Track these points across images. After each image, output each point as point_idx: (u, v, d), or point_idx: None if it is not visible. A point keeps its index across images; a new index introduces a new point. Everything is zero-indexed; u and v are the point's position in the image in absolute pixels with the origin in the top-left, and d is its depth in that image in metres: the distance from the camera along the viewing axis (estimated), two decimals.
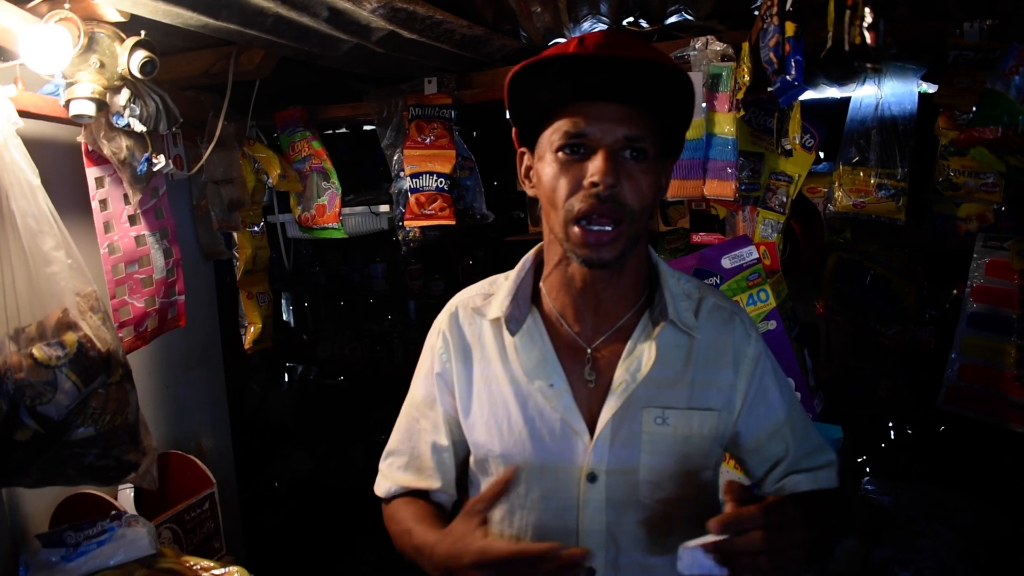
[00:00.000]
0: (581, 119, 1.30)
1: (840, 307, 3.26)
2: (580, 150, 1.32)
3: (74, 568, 2.14)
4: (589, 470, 1.40)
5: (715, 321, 1.48)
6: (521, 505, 1.47)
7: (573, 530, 1.42)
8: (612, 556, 1.42)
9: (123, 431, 2.02)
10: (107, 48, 2.12)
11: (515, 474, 1.32)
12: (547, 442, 1.42)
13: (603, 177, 1.27)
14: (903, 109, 2.54)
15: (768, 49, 1.85)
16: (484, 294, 1.56)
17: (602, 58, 1.28)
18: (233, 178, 3.07)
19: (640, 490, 1.41)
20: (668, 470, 1.41)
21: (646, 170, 1.32)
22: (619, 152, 1.30)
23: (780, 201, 2.57)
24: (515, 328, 1.47)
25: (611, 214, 1.29)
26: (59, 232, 1.99)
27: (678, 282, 1.50)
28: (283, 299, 5.84)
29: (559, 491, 1.42)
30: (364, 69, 2.94)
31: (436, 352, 1.57)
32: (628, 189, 1.30)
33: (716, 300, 1.51)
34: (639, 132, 1.30)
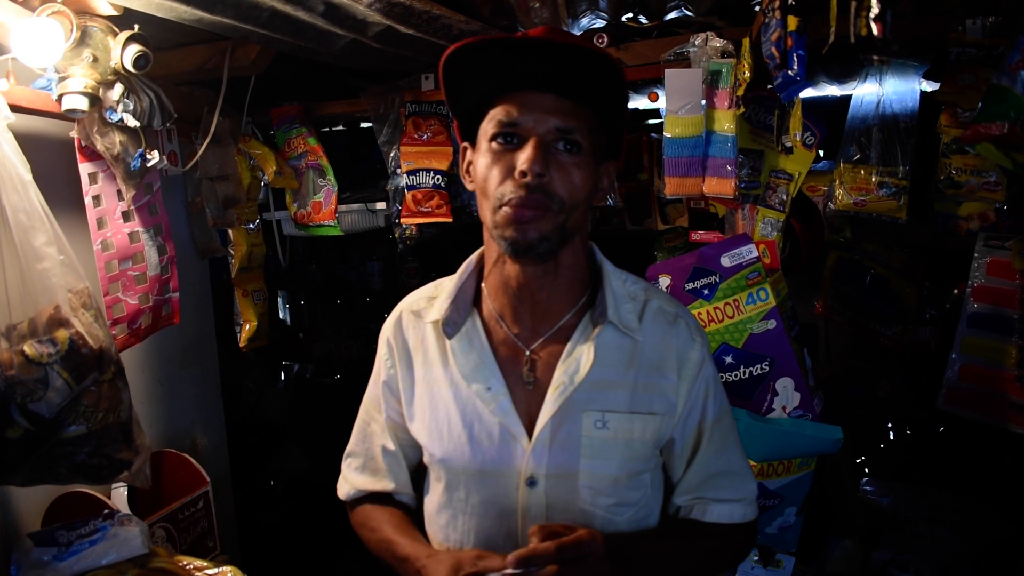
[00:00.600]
0: (515, 108, 1.30)
1: (839, 307, 3.25)
2: (513, 140, 1.31)
3: (66, 567, 2.12)
4: (528, 474, 1.39)
5: (660, 324, 1.46)
6: (463, 510, 1.46)
7: (515, 535, 1.41)
8: None
9: (115, 429, 2.00)
10: (100, 42, 2.09)
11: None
12: (486, 446, 1.41)
13: (531, 165, 1.26)
14: (905, 107, 2.53)
15: (770, 44, 1.83)
16: (428, 297, 1.55)
17: (535, 41, 1.28)
18: (228, 175, 3.05)
19: (580, 494, 1.39)
20: (609, 474, 1.40)
21: (579, 163, 1.31)
22: (551, 143, 1.30)
23: (780, 199, 2.55)
24: (452, 331, 1.46)
25: (539, 204, 1.28)
26: (51, 228, 1.96)
27: (623, 284, 1.48)
28: (279, 297, 5.83)
29: (499, 496, 1.42)
30: (360, 65, 2.91)
31: (382, 359, 1.58)
32: (558, 179, 1.29)
33: (661, 303, 1.49)
34: (572, 124, 1.30)
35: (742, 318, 2.30)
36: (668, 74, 2.46)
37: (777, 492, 2.27)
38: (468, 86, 1.37)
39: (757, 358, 2.29)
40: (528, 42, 1.28)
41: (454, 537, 1.48)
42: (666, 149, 2.51)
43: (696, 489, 1.49)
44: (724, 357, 2.29)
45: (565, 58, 1.28)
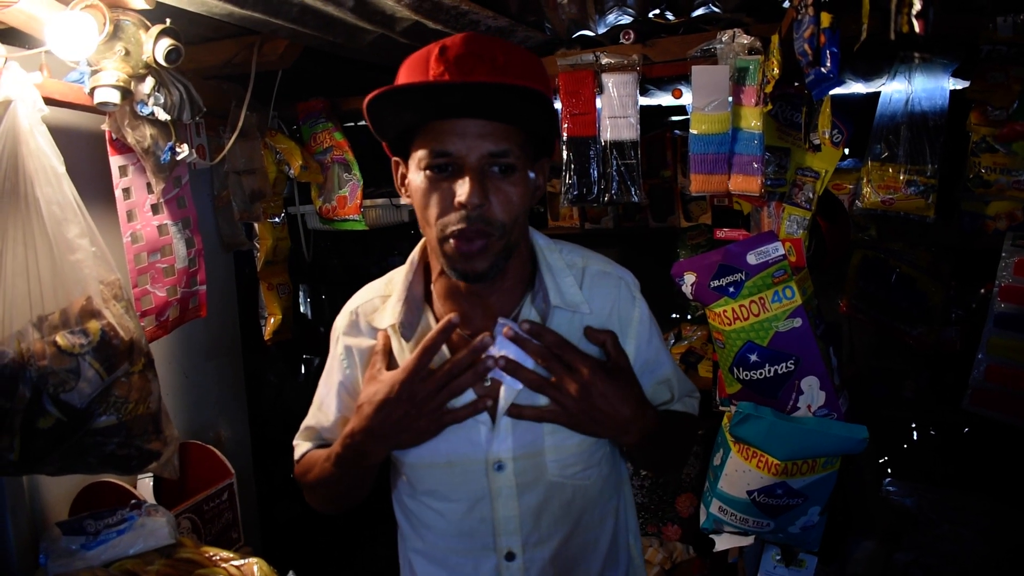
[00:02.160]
0: (445, 138, 1.31)
1: (864, 306, 3.23)
2: (447, 168, 1.33)
3: (94, 556, 2.14)
4: (495, 460, 1.44)
5: (601, 287, 1.51)
6: (435, 500, 1.50)
7: (488, 518, 1.47)
8: (529, 536, 1.46)
9: (145, 420, 2.02)
10: (132, 36, 2.11)
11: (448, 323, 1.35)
12: (450, 438, 1.44)
13: (469, 198, 1.29)
14: (934, 105, 2.51)
15: (803, 40, 1.82)
16: (382, 296, 1.58)
17: (459, 86, 1.27)
18: (255, 169, 3.07)
19: (548, 469, 1.45)
20: (572, 445, 1.45)
21: (515, 181, 1.34)
22: (486, 169, 1.32)
23: (807, 197, 2.54)
24: (409, 334, 1.49)
25: (480, 233, 1.31)
26: (83, 220, 1.98)
27: (561, 255, 1.52)
28: (300, 291, 5.84)
29: (469, 483, 1.46)
30: (387, 60, 2.92)
31: (338, 359, 1.60)
32: (496, 204, 1.32)
33: (600, 266, 1.54)
34: (504, 146, 1.32)
35: (768, 316, 2.29)
36: (695, 71, 2.46)
37: (801, 491, 2.26)
38: (394, 119, 1.37)
39: (782, 356, 2.28)
40: (452, 86, 1.28)
41: (429, 524, 1.52)
42: (692, 146, 2.50)
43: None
44: (749, 355, 2.28)
45: (495, 92, 1.28)
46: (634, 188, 2.81)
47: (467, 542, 1.49)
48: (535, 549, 1.47)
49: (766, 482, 2.24)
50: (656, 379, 1.57)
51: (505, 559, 1.47)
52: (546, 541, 1.47)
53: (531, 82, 1.29)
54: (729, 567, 2.62)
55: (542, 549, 1.47)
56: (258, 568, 2.19)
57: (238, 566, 2.19)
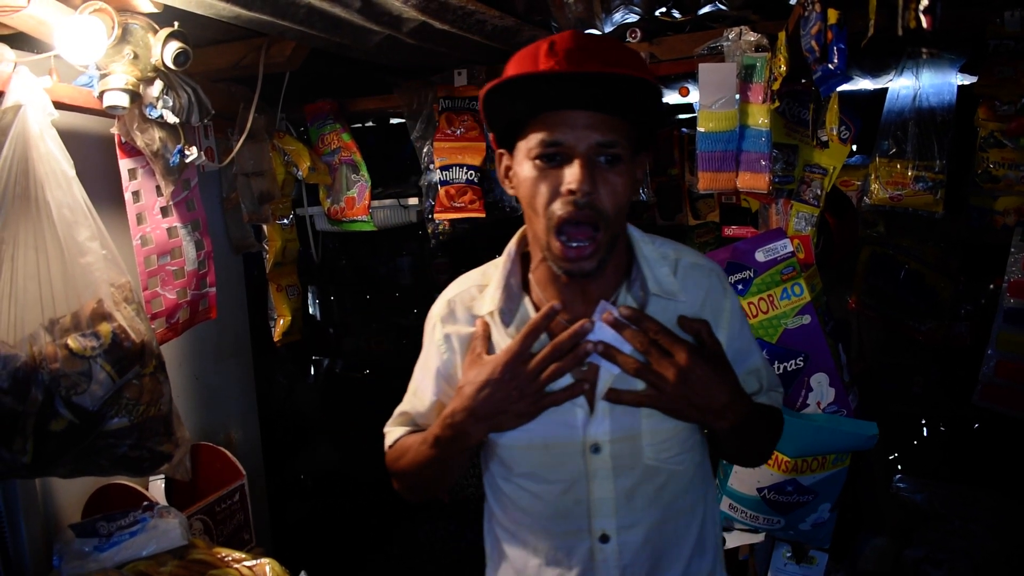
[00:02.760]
0: (555, 128, 1.34)
1: (873, 302, 3.23)
2: (556, 158, 1.36)
3: (107, 558, 2.15)
4: (592, 442, 1.46)
5: (694, 278, 1.53)
6: (530, 481, 1.52)
7: (584, 500, 1.48)
8: (624, 519, 1.48)
9: (157, 422, 2.03)
10: (140, 39, 2.12)
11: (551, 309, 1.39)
12: (549, 421, 1.45)
13: (580, 185, 1.31)
14: (941, 100, 2.50)
15: (810, 37, 1.83)
16: (478, 285, 1.60)
17: (573, 75, 1.31)
18: (263, 171, 3.08)
19: (644, 452, 1.47)
20: (669, 428, 1.47)
21: (621, 172, 1.36)
22: (594, 158, 1.34)
23: (814, 194, 2.54)
24: (508, 320, 1.51)
25: (589, 220, 1.34)
26: (94, 223, 1.99)
27: (653, 247, 1.54)
28: (309, 292, 5.86)
29: (566, 465, 1.48)
30: (394, 61, 2.93)
31: (436, 346, 1.61)
32: (604, 194, 1.34)
33: (692, 259, 1.56)
34: (612, 137, 1.34)
35: (777, 313, 2.29)
36: (702, 68, 2.45)
37: (811, 488, 2.27)
38: (507, 108, 1.41)
39: (792, 353, 2.28)
40: (570, 76, 1.31)
41: (524, 507, 1.54)
42: (699, 144, 2.50)
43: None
44: None
45: (603, 82, 1.31)
46: (642, 186, 2.81)
47: (562, 524, 1.51)
48: (628, 532, 1.49)
49: (776, 479, 2.24)
50: (746, 369, 1.57)
51: (599, 541, 1.49)
52: (639, 524, 1.49)
53: (641, 74, 1.32)
54: (740, 564, 2.62)
55: (635, 532, 1.49)
56: (270, 569, 2.20)
57: (250, 567, 2.20)
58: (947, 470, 3.46)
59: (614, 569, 1.49)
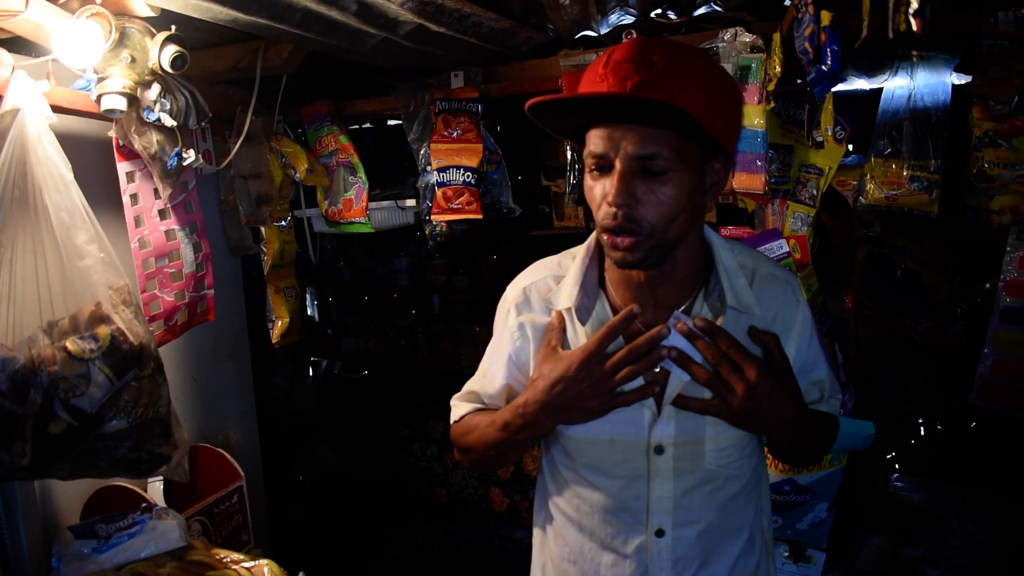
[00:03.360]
0: (601, 140, 1.38)
1: (870, 302, 3.23)
2: (604, 168, 1.40)
3: (106, 559, 2.16)
4: (656, 443, 1.50)
5: (770, 290, 1.55)
6: (591, 475, 1.57)
7: (644, 496, 1.52)
8: (680, 516, 1.53)
9: (155, 424, 2.03)
10: (138, 43, 2.12)
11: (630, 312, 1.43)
12: (617, 419, 1.50)
13: (614, 198, 1.36)
14: (936, 100, 2.51)
15: (803, 39, 1.83)
16: (555, 276, 1.63)
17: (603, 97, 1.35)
18: (261, 173, 3.08)
19: (706, 457, 1.51)
20: (731, 436, 1.51)
21: (666, 181, 1.37)
22: (634, 170, 1.36)
23: (810, 194, 2.54)
24: (585, 317, 1.55)
25: (627, 229, 1.38)
26: (92, 226, 2.00)
27: (732, 255, 1.56)
28: (307, 294, 5.85)
29: (629, 462, 1.52)
30: (391, 63, 2.93)
31: (510, 332, 1.65)
32: (644, 205, 1.37)
33: (769, 269, 1.59)
34: (652, 149, 1.35)
35: None
36: None
37: (809, 488, 2.27)
38: (560, 123, 1.47)
39: None
40: (602, 98, 1.35)
41: (585, 496, 1.59)
42: None
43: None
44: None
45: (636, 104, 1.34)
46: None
47: (620, 516, 1.55)
48: (683, 528, 1.53)
49: (774, 478, 2.25)
50: (810, 379, 1.61)
51: (655, 535, 1.53)
52: (694, 522, 1.54)
53: (682, 91, 1.32)
54: None
55: (689, 529, 1.54)
56: (269, 570, 2.20)
57: (249, 568, 2.20)
58: (945, 469, 3.46)
59: (667, 560, 1.54)
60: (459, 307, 5.31)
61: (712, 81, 1.40)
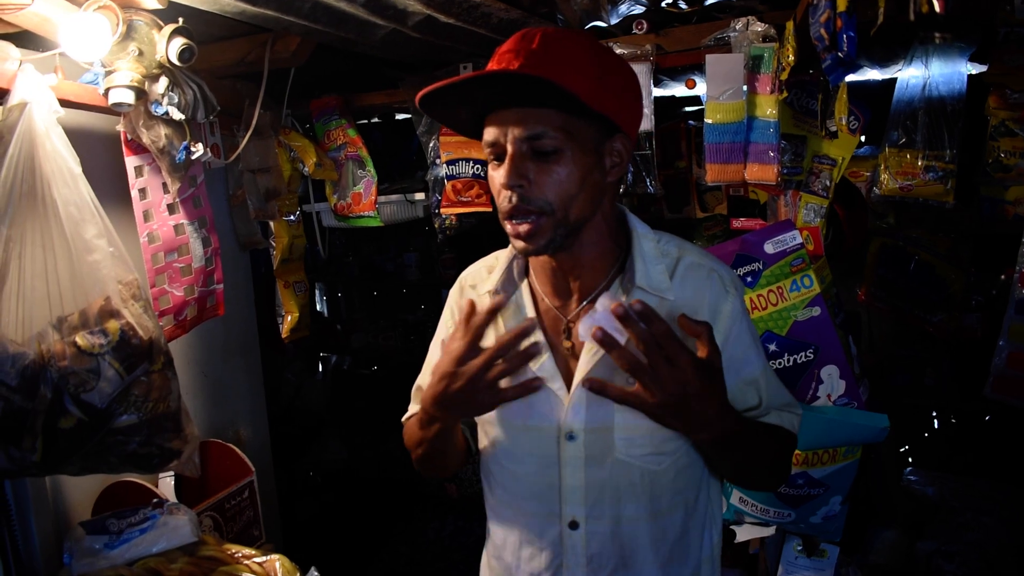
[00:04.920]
0: (491, 128, 1.41)
1: (883, 294, 3.21)
2: (499, 157, 1.41)
3: (117, 555, 2.15)
4: (568, 429, 1.49)
5: (693, 279, 1.52)
6: (509, 461, 1.58)
7: (555, 484, 1.52)
8: (593, 508, 1.51)
9: (166, 419, 2.03)
10: (145, 36, 2.11)
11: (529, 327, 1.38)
12: (530, 403, 1.50)
13: (506, 179, 1.37)
14: (951, 89, 2.48)
15: (819, 25, 1.81)
16: (488, 267, 1.68)
17: (477, 79, 1.34)
18: (269, 167, 3.07)
19: (616, 447, 1.48)
20: (642, 425, 1.44)
21: (559, 160, 1.37)
22: (524, 152, 1.37)
23: (823, 185, 2.52)
24: (504, 301, 1.54)
25: (523, 211, 1.38)
26: (101, 220, 1.99)
27: (657, 243, 1.55)
28: (316, 289, 5.85)
29: (541, 448, 1.52)
30: (399, 55, 2.92)
31: (445, 322, 1.73)
32: (538, 185, 1.37)
33: (694, 258, 1.55)
34: (539, 129, 1.36)
35: (786, 305, 2.28)
36: (709, 59, 2.44)
37: (822, 481, 2.26)
38: (450, 116, 1.49)
39: (801, 346, 2.27)
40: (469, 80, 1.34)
41: (503, 483, 1.61)
42: (707, 136, 2.49)
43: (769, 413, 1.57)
44: (768, 345, 2.28)
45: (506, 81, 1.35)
46: (649, 179, 2.80)
47: (535, 505, 1.55)
48: (597, 522, 1.51)
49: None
50: (742, 378, 1.53)
51: (569, 527, 1.52)
52: (607, 516, 1.51)
53: (561, 69, 1.32)
54: (750, 558, 2.61)
55: (603, 523, 1.51)
56: (280, 565, 2.20)
57: (260, 563, 2.20)
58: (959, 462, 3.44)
59: (581, 556, 1.52)
60: None
61: (598, 60, 1.41)
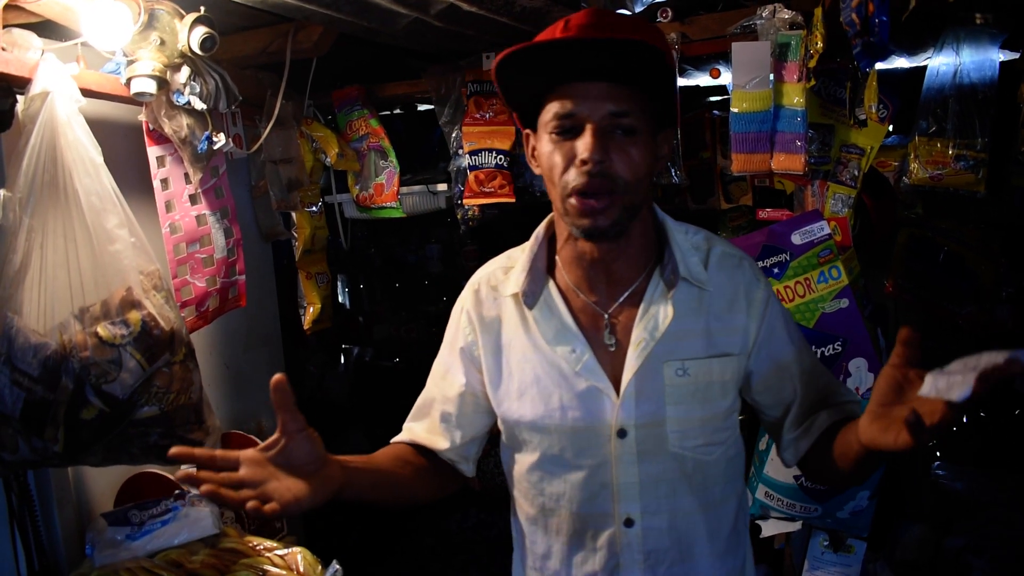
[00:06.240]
0: (569, 100, 1.37)
1: (911, 286, 3.16)
2: (570, 130, 1.38)
3: (139, 546, 2.15)
4: (619, 427, 1.48)
5: (725, 268, 1.54)
6: (556, 466, 1.54)
7: (608, 483, 1.50)
8: (648, 504, 1.50)
9: (187, 410, 2.02)
10: (167, 25, 2.11)
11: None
12: (576, 405, 1.49)
13: (591, 154, 1.34)
14: (983, 76, 2.43)
15: (850, 10, 1.78)
16: (503, 268, 1.63)
17: (584, 41, 1.34)
18: (291, 157, 3.07)
19: (669, 440, 1.48)
20: (694, 417, 1.48)
21: (636, 142, 1.38)
22: (607, 128, 1.36)
23: (851, 175, 2.48)
24: (532, 302, 1.54)
25: (603, 188, 1.36)
26: (122, 210, 1.99)
27: (686, 236, 1.56)
28: (338, 281, 5.86)
29: (592, 449, 1.50)
30: (422, 45, 2.90)
31: (460, 328, 1.66)
32: (618, 161, 1.36)
33: (724, 248, 1.57)
34: (625, 107, 1.36)
35: (814, 297, 2.25)
36: (735, 47, 2.41)
37: None
38: (522, 83, 1.43)
39: (829, 338, 2.24)
40: (576, 42, 1.34)
41: (549, 491, 1.56)
42: (733, 125, 2.46)
43: (819, 403, 1.55)
44: None
45: (612, 50, 1.33)
46: (673, 169, 2.77)
47: (587, 507, 1.52)
48: (653, 517, 1.50)
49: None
50: (777, 364, 1.54)
51: (624, 525, 1.51)
52: (664, 510, 1.50)
53: (651, 41, 1.32)
54: (776, 553, 2.58)
55: (660, 518, 1.50)
56: (302, 558, 2.19)
57: (282, 556, 2.19)
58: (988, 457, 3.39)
59: (637, 553, 1.50)
60: None
61: (666, 42, 1.43)
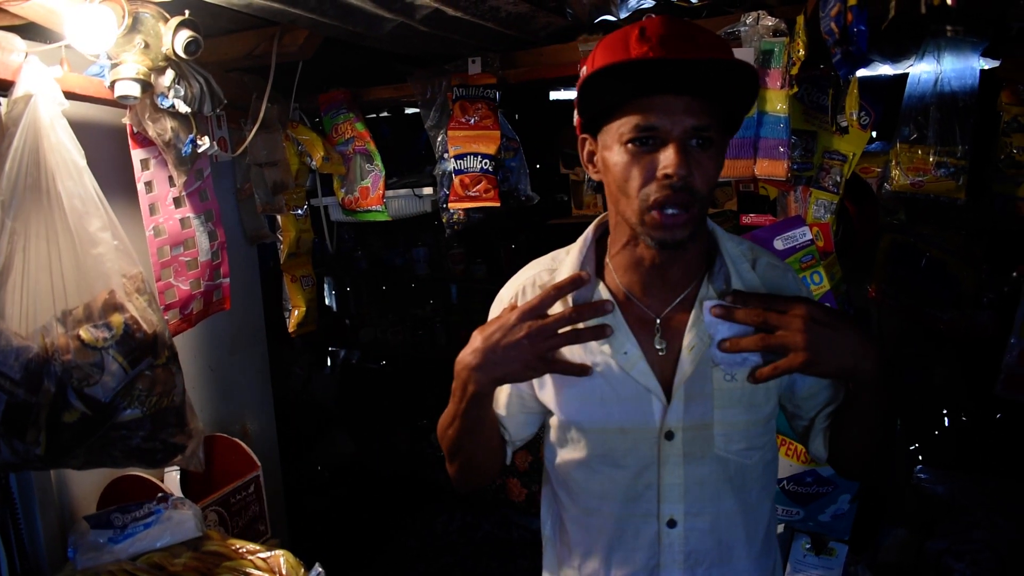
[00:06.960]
0: (651, 113, 1.36)
1: (893, 291, 3.18)
2: (649, 142, 1.37)
3: (121, 549, 2.15)
4: (667, 429, 1.50)
5: (774, 277, 1.56)
6: (602, 465, 1.55)
7: (654, 484, 1.52)
8: (692, 505, 1.52)
9: (170, 413, 2.02)
10: (151, 28, 2.11)
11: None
12: (626, 406, 1.51)
13: (677, 169, 1.33)
14: (964, 85, 2.45)
15: (829, 19, 1.80)
16: (548, 269, 1.63)
17: (674, 61, 1.33)
18: (277, 160, 3.07)
19: (715, 442, 1.50)
20: (740, 421, 1.51)
21: (712, 156, 1.40)
22: (687, 142, 1.36)
23: (834, 181, 2.50)
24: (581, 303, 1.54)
25: (684, 202, 1.36)
26: (105, 214, 1.99)
27: (736, 246, 1.57)
28: (325, 283, 5.86)
29: (639, 449, 1.52)
30: (407, 49, 2.91)
31: None
32: (698, 176, 1.37)
33: (768, 259, 1.60)
34: (706, 122, 1.36)
35: None
36: None
37: (831, 479, 2.24)
38: (604, 95, 1.43)
39: None
40: (670, 62, 1.34)
41: (594, 490, 1.58)
42: None
43: None
44: None
45: (701, 68, 1.34)
46: None
47: (631, 507, 1.54)
48: (696, 518, 1.52)
49: (795, 470, 2.22)
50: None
51: (667, 526, 1.53)
52: (706, 512, 1.53)
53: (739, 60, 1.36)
54: None
55: (702, 519, 1.53)
56: (284, 560, 2.19)
57: (265, 559, 2.19)
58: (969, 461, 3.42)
59: (679, 553, 1.53)
60: (477, 296, 5.29)
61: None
